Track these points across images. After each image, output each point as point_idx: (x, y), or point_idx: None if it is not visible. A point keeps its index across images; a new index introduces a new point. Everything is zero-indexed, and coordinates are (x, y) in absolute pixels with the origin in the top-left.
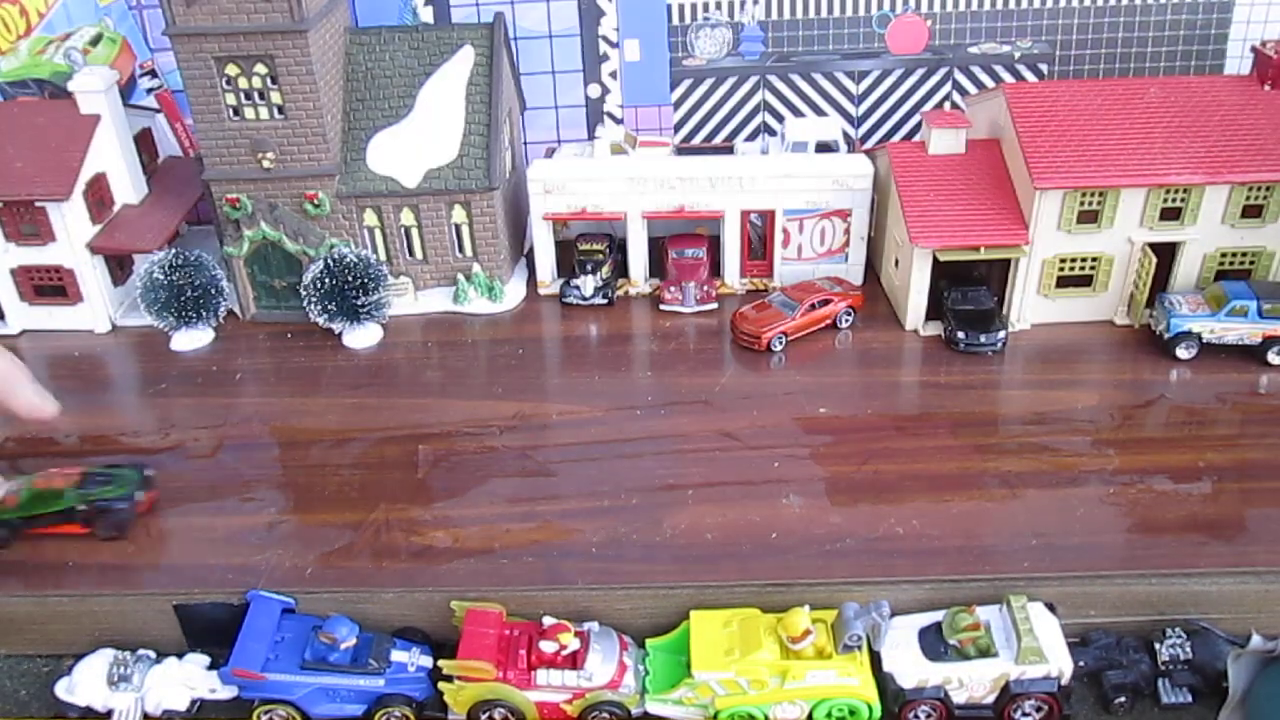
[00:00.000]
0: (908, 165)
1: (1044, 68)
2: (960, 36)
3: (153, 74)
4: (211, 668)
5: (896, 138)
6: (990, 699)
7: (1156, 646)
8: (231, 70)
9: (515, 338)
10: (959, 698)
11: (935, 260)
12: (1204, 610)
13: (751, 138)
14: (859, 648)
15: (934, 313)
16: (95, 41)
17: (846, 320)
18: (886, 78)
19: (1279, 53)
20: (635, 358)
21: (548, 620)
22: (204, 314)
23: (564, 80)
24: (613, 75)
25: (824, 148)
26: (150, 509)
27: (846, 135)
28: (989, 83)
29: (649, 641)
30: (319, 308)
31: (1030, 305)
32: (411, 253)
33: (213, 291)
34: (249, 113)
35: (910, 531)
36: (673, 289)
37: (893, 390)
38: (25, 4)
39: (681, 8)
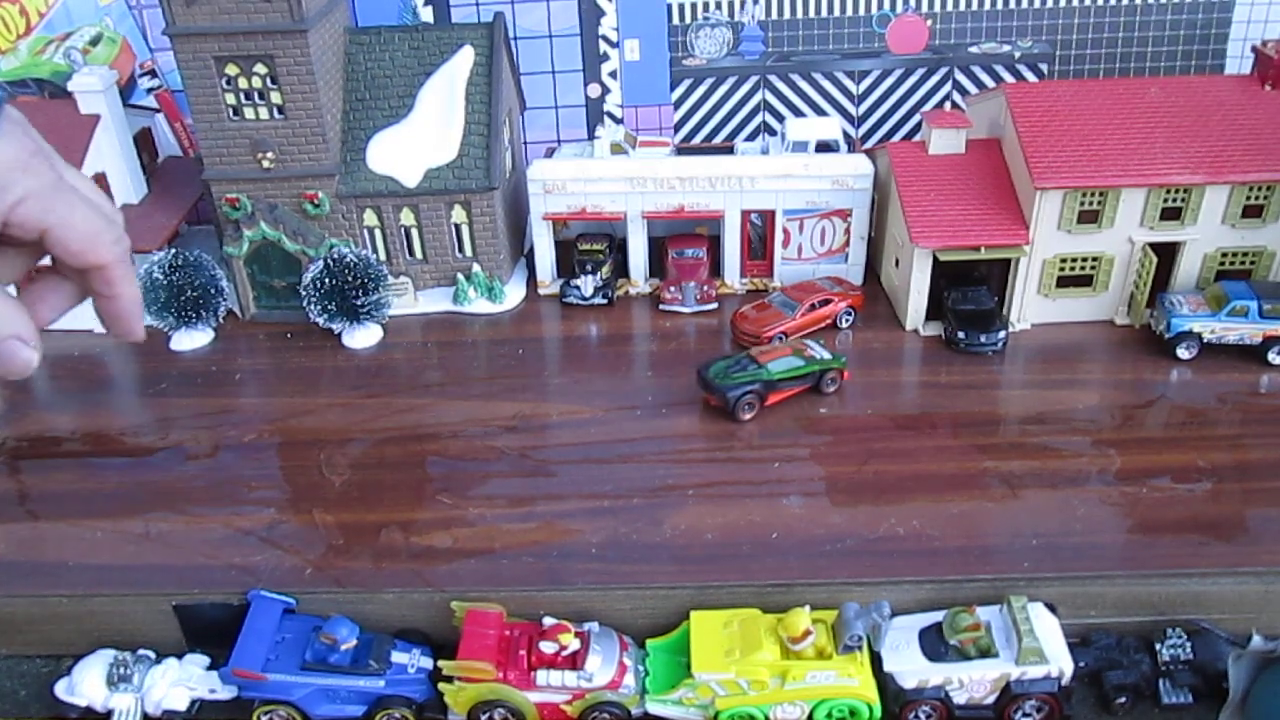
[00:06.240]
0: (908, 165)
1: (1044, 68)
2: (960, 36)
3: (152, 74)
4: (211, 668)
5: (896, 138)
6: (991, 699)
7: (1157, 647)
8: (231, 70)
9: (515, 338)
10: (959, 698)
11: (935, 260)
12: (1204, 610)
13: (751, 137)
14: (859, 648)
15: (934, 313)
16: (95, 41)
17: (846, 320)
18: (886, 78)
19: (1279, 52)
20: (635, 358)
21: (548, 621)
22: (204, 314)
23: (564, 80)
24: (613, 75)
25: (824, 148)
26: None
27: (846, 135)
28: (989, 83)
29: (649, 642)
30: (319, 308)
31: (1030, 305)
32: (411, 253)
33: (212, 291)
34: (249, 113)
35: (911, 532)
36: (673, 289)
37: (893, 390)
38: (25, 4)
39: (681, 7)
